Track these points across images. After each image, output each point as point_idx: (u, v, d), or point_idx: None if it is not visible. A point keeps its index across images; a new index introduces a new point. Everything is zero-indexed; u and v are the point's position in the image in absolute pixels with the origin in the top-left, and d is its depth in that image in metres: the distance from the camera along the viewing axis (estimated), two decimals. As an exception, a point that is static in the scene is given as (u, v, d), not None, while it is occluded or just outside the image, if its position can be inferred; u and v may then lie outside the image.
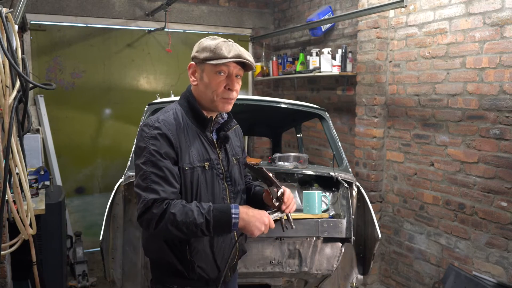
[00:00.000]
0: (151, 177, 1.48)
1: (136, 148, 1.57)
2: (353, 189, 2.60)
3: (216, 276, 1.67)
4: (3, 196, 1.77)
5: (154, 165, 1.49)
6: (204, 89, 1.60)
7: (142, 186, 1.49)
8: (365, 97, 3.70)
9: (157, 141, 1.52)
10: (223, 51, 1.54)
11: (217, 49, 1.55)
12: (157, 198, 1.46)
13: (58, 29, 4.45)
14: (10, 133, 1.75)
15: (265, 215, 1.52)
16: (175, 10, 4.85)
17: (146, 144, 1.52)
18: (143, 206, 1.46)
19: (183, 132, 1.58)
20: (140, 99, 4.73)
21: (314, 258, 2.45)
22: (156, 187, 1.47)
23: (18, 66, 1.79)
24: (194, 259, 1.59)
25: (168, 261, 1.62)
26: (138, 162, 1.53)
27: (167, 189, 1.49)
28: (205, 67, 1.58)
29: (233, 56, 1.54)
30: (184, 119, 1.61)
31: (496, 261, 2.83)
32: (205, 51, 1.57)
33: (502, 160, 2.77)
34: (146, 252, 1.73)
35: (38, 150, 3.91)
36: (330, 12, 4.23)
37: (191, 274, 1.61)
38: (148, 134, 1.53)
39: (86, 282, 3.65)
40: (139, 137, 1.56)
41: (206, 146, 1.63)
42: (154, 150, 1.50)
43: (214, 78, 1.57)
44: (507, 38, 2.69)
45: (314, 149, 4.82)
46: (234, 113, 1.81)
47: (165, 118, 1.57)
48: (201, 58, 1.58)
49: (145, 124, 1.56)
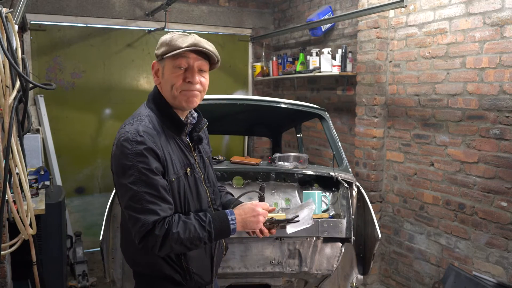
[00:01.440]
0: (145, 198, 1.39)
1: (118, 167, 1.43)
2: (353, 189, 2.60)
3: (210, 278, 1.67)
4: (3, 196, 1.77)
5: (146, 185, 1.39)
6: (165, 85, 1.52)
7: (137, 208, 1.39)
8: (365, 97, 3.70)
9: (145, 157, 1.39)
10: (177, 42, 1.46)
11: (172, 41, 1.47)
12: (157, 219, 1.39)
13: (58, 29, 4.45)
14: (10, 133, 1.75)
15: (255, 205, 1.54)
16: (175, 10, 4.86)
17: (133, 162, 1.39)
18: (144, 230, 1.38)
19: (163, 140, 1.49)
20: (140, 99, 4.67)
21: (314, 258, 2.45)
22: (153, 207, 1.39)
23: (18, 66, 1.79)
24: (190, 266, 1.57)
25: (162, 273, 1.56)
26: (125, 181, 1.40)
27: (164, 206, 1.42)
28: (165, 64, 1.51)
29: (188, 45, 1.46)
30: (159, 125, 1.51)
31: (496, 261, 2.83)
32: (162, 46, 1.50)
33: (502, 160, 2.77)
34: (134, 265, 1.63)
35: (38, 150, 3.91)
36: (330, 12, 4.23)
37: (189, 282, 1.59)
38: (133, 150, 1.39)
39: (86, 282, 3.65)
40: (120, 154, 1.41)
41: (184, 151, 1.56)
42: (143, 168, 1.39)
43: (173, 72, 1.49)
44: (507, 38, 2.69)
45: (314, 149, 4.82)
46: (234, 113, 1.80)
47: (145, 130, 1.43)
48: (159, 53, 1.51)
49: (125, 139, 1.41)
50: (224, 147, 5.48)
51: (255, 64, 5.29)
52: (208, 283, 1.67)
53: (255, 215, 1.52)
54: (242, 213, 1.52)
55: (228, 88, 5.39)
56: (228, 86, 5.41)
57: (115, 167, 1.46)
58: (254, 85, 5.50)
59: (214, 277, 1.69)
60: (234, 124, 3.69)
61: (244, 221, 1.51)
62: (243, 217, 1.51)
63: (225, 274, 2.40)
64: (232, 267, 2.39)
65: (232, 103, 2.84)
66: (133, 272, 1.67)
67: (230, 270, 2.39)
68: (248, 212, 1.53)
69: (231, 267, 2.39)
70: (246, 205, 1.56)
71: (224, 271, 2.38)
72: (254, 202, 1.58)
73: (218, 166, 2.62)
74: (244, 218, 1.51)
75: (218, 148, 5.41)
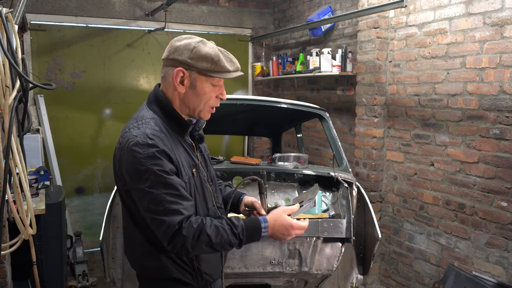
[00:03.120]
0: (166, 199, 1.37)
1: (133, 173, 1.40)
2: (353, 189, 2.60)
3: (218, 276, 1.68)
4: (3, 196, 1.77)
5: (165, 186, 1.38)
6: (194, 98, 1.49)
7: (159, 210, 1.37)
8: (365, 97, 3.70)
9: (158, 159, 1.38)
10: (225, 64, 1.45)
11: (220, 61, 1.44)
12: (182, 218, 1.38)
13: (58, 29, 4.45)
14: (10, 133, 1.75)
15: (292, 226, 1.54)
16: (175, 10, 4.86)
17: (146, 166, 1.37)
18: (171, 231, 1.37)
19: (171, 142, 1.47)
20: (140, 99, 4.72)
21: (314, 258, 2.45)
22: (176, 207, 1.38)
23: (18, 66, 1.79)
24: (202, 267, 1.56)
25: (170, 276, 1.53)
26: (142, 186, 1.38)
27: (186, 204, 1.41)
28: (200, 77, 1.46)
29: (235, 69, 1.48)
30: (164, 127, 1.49)
31: (496, 261, 2.83)
32: (204, 61, 1.43)
33: (502, 160, 2.77)
34: (141, 270, 1.60)
35: (38, 150, 3.91)
36: (330, 12, 4.23)
37: (199, 282, 1.58)
38: (145, 154, 1.37)
39: (86, 282, 3.65)
40: (133, 159, 1.38)
41: (188, 151, 1.56)
42: (158, 170, 1.37)
43: (210, 89, 1.49)
44: (507, 38, 2.69)
45: (314, 149, 4.82)
46: (234, 113, 1.80)
47: (153, 133, 1.41)
48: (199, 67, 1.44)
49: (135, 143, 1.38)
50: (224, 147, 5.48)
51: (255, 64, 5.29)
52: (216, 280, 1.67)
53: (285, 235, 1.54)
54: (276, 225, 1.52)
55: (228, 88, 5.31)
56: (228, 86, 5.36)
57: (127, 173, 1.43)
58: (254, 85, 5.50)
59: (223, 273, 1.69)
60: (234, 124, 3.69)
61: (274, 233, 1.53)
62: (274, 230, 1.52)
63: (225, 274, 2.40)
64: (232, 267, 2.39)
65: (232, 103, 2.85)
66: (136, 274, 1.65)
67: (230, 270, 2.39)
68: (281, 229, 1.53)
69: (231, 267, 2.39)
70: (282, 219, 1.54)
71: (224, 271, 2.37)
72: (294, 221, 1.55)
73: (218, 166, 2.61)
74: (274, 231, 1.52)
75: (218, 148, 5.41)
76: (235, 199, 1.78)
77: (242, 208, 1.78)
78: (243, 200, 1.78)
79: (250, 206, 1.76)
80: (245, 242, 1.48)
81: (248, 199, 1.78)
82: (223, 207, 1.70)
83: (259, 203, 1.73)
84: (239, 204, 1.78)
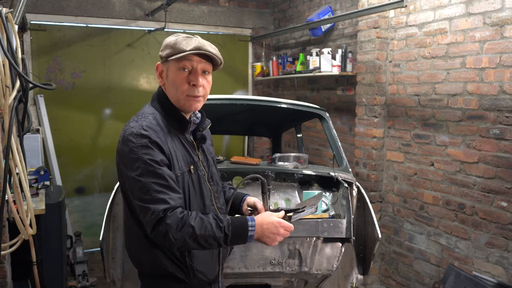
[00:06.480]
0: (154, 187, 1.41)
1: (125, 161, 1.46)
2: (353, 189, 2.60)
3: (215, 277, 1.67)
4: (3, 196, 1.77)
5: (154, 175, 1.42)
6: (170, 87, 1.55)
7: (146, 198, 1.41)
8: (365, 97, 3.70)
9: (150, 149, 1.43)
10: (182, 45, 1.49)
11: (176, 43, 1.50)
12: (167, 207, 1.40)
13: (58, 29, 4.45)
14: (10, 133, 1.75)
15: (280, 224, 1.49)
16: (175, 10, 4.86)
17: (138, 154, 1.42)
18: (154, 218, 1.39)
19: (167, 137, 1.52)
20: (140, 99, 4.73)
21: (314, 258, 2.45)
22: (162, 196, 1.41)
23: (18, 66, 1.79)
24: (194, 264, 1.56)
25: (166, 272, 1.56)
26: (133, 174, 1.43)
27: (173, 196, 1.43)
28: (169, 65, 1.54)
29: (192, 48, 1.48)
30: (163, 123, 1.54)
31: (496, 261, 2.83)
32: (166, 48, 1.53)
33: (502, 160, 2.77)
34: (138, 265, 1.63)
35: (38, 150, 3.92)
36: (330, 12, 4.23)
37: (192, 280, 1.58)
38: (137, 143, 1.43)
39: (86, 282, 3.65)
40: (126, 147, 1.45)
41: (188, 148, 1.59)
42: (149, 159, 1.42)
43: (178, 75, 1.52)
44: (507, 38, 2.69)
45: (314, 149, 4.82)
46: (234, 113, 1.81)
47: (148, 125, 1.48)
48: (163, 55, 1.54)
49: (130, 133, 1.45)
50: (224, 147, 5.48)
51: (255, 64, 5.29)
52: (213, 282, 1.66)
53: (275, 233, 1.48)
54: (264, 223, 1.48)
55: (228, 88, 5.39)
56: (228, 86, 5.41)
57: (122, 162, 1.49)
58: (254, 85, 5.50)
59: (220, 276, 1.68)
60: (234, 124, 3.69)
61: (262, 233, 1.47)
62: (263, 228, 1.47)
63: (225, 274, 2.40)
64: (232, 267, 2.39)
65: (232, 103, 2.85)
66: (138, 272, 1.68)
67: (230, 270, 2.39)
68: (270, 227, 1.48)
69: (231, 267, 2.39)
70: (271, 218, 1.50)
71: (224, 271, 2.37)
72: (282, 220, 1.52)
73: (218, 166, 2.60)
74: (263, 229, 1.47)
75: (218, 148, 5.41)
76: (237, 199, 1.78)
77: (244, 208, 1.77)
78: (246, 200, 1.78)
79: (252, 206, 1.76)
80: (230, 238, 1.43)
81: (251, 199, 1.78)
82: (224, 207, 1.71)
83: (261, 204, 1.73)
84: (241, 204, 1.78)
